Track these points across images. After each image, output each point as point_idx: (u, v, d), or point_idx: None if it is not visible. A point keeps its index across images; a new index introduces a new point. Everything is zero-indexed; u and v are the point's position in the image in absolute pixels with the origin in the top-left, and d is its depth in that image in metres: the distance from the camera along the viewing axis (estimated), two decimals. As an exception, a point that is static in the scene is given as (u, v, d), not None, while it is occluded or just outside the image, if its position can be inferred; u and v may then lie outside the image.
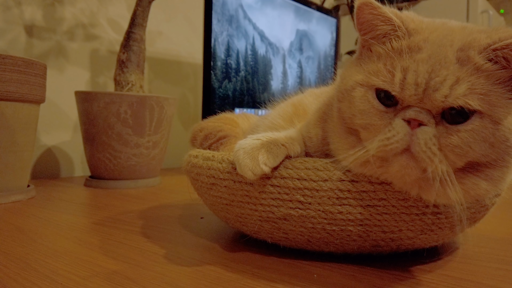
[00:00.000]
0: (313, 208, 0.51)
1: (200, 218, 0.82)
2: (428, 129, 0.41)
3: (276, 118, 0.70)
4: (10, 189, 0.96)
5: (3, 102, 0.93)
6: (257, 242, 0.62)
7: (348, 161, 0.48)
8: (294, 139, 0.56)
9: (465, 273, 0.53)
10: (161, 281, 0.48)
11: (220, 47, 1.44)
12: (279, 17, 1.70)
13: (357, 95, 0.46)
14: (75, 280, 0.48)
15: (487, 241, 0.69)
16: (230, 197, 0.57)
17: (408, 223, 0.51)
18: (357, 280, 0.50)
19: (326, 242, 0.54)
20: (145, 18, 1.26)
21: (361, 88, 0.46)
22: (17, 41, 1.34)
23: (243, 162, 0.51)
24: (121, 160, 1.19)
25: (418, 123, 0.42)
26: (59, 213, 0.87)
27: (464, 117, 0.41)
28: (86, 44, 1.53)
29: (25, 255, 0.57)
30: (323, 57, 1.98)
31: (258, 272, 0.52)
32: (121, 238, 0.66)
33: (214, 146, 0.73)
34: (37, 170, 1.40)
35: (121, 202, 0.99)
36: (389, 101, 0.44)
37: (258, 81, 1.61)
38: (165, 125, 1.27)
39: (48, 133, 1.43)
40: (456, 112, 0.41)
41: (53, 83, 1.39)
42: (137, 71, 1.25)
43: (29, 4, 1.37)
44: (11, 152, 0.96)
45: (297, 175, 0.52)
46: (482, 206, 0.55)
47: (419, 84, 0.41)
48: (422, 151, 0.41)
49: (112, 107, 1.16)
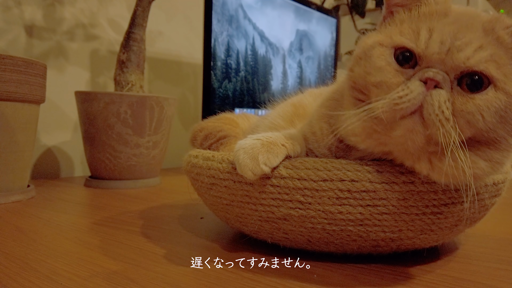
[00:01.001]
0: (313, 208, 0.51)
1: (200, 218, 0.82)
2: (443, 92, 0.41)
3: (276, 118, 0.70)
4: (10, 189, 0.96)
5: (3, 102, 0.93)
6: (257, 242, 0.62)
7: (350, 122, 0.47)
8: (294, 139, 0.56)
9: (465, 273, 0.53)
10: (161, 281, 0.48)
11: (220, 47, 1.44)
12: (279, 17, 1.70)
13: (375, 53, 0.46)
14: (75, 280, 0.48)
15: (487, 241, 0.69)
16: (230, 197, 0.57)
17: (408, 223, 0.51)
18: (357, 280, 0.50)
19: (326, 242, 0.54)
20: (145, 18, 1.26)
21: (380, 48, 0.46)
22: (17, 41, 1.34)
23: (243, 162, 0.51)
24: (121, 160, 1.19)
25: (435, 84, 0.41)
26: (59, 213, 0.87)
27: (478, 86, 0.41)
28: (86, 44, 1.53)
29: (25, 255, 0.57)
30: (323, 57, 1.98)
31: (258, 272, 0.52)
32: (121, 238, 0.66)
33: (214, 146, 0.73)
34: (37, 170, 1.40)
35: (121, 202, 0.99)
36: (406, 63, 0.44)
37: (258, 81, 1.61)
38: (165, 125, 1.27)
39: (48, 133, 1.43)
40: (471, 81, 0.41)
41: (53, 83, 1.39)
42: (137, 71, 1.25)
43: (29, 4, 1.37)
44: (11, 152, 0.96)
45: (297, 175, 0.52)
46: (482, 206, 0.55)
47: (444, 42, 0.42)
48: (434, 114, 0.40)
49: (112, 107, 1.16)
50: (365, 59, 0.47)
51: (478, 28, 0.43)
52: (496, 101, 0.41)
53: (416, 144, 0.43)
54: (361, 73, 0.47)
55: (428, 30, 0.43)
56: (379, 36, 0.47)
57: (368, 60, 0.46)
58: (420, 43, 0.43)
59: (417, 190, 0.49)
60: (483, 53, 0.41)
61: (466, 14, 0.45)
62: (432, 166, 0.46)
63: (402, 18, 0.47)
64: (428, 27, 0.43)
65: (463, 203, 0.52)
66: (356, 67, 0.48)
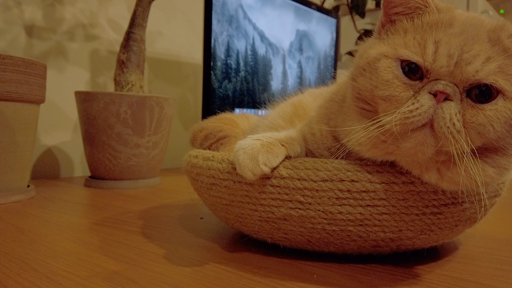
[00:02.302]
0: (313, 208, 0.51)
1: (200, 218, 0.82)
2: (453, 104, 0.41)
3: (276, 118, 0.70)
4: (10, 189, 0.96)
5: (3, 102, 0.93)
6: (257, 242, 0.62)
7: (359, 137, 0.46)
8: (294, 139, 0.56)
9: (465, 273, 0.53)
10: (161, 281, 0.48)
11: (220, 47, 1.44)
12: (279, 17, 1.70)
13: (381, 65, 0.45)
14: (75, 280, 0.48)
15: (487, 241, 0.69)
16: (230, 197, 0.57)
17: (408, 223, 0.51)
18: (357, 280, 0.50)
19: (326, 242, 0.54)
20: (145, 18, 1.26)
21: (386, 60, 0.45)
22: (17, 41, 1.35)
23: (243, 162, 0.51)
24: (121, 160, 1.19)
25: (445, 97, 0.41)
26: (59, 213, 0.87)
27: (487, 97, 0.41)
28: (86, 44, 1.53)
29: (25, 255, 0.57)
30: (323, 58, 1.98)
31: (258, 272, 0.52)
32: (121, 238, 0.66)
33: (214, 146, 0.73)
34: (37, 170, 1.40)
35: (121, 202, 0.99)
36: (413, 75, 0.43)
37: (258, 81, 1.61)
38: (165, 125, 1.27)
39: (48, 133, 1.43)
40: (480, 92, 0.41)
41: (53, 83, 1.39)
42: (137, 71, 1.25)
43: (29, 4, 1.37)
44: (11, 152, 0.96)
45: (297, 175, 0.52)
46: (482, 206, 0.55)
47: (452, 55, 0.41)
48: (446, 127, 0.40)
49: (112, 107, 1.16)
50: (371, 72, 0.46)
51: (484, 38, 0.42)
52: (506, 111, 0.41)
53: (426, 155, 0.43)
54: (367, 86, 0.46)
55: (434, 42, 0.42)
56: (383, 47, 0.46)
57: (374, 73, 0.45)
58: (427, 57, 0.42)
59: (417, 190, 0.49)
60: (491, 65, 0.41)
61: (471, 23, 0.44)
62: (441, 176, 0.46)
63: (405, 27, 0.46)
64: (434, 39, 0.42)
65: (463, 203, 0.52)
66: (360, 78, 0.48)
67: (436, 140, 0.41)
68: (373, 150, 0.48)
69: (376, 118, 0.44)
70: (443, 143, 0.41)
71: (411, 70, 0.44)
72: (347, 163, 0.51)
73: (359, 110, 0.49)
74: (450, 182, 0.45)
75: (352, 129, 0.48)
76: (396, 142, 0.44)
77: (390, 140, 0.44)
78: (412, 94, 0.43)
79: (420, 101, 0.41)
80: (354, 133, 0.48)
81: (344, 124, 0.51)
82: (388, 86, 0.44)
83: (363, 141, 0.47)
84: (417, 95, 0.42)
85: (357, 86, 0.48)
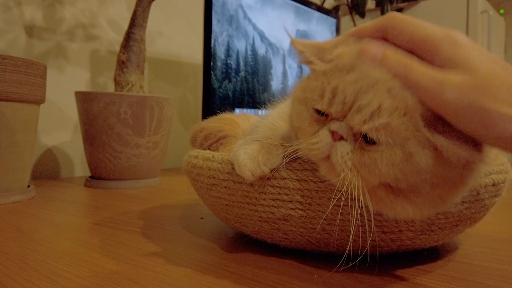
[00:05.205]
0: (313, 208, 0.51)
1: (200, 219, 0.82)
2: (346, 144, 0.44)
3: (276, 118, 0.70)
4: (10, 190, 0.96)
5: (3, 103, 0.93)
6: (257, 242, 0.62)
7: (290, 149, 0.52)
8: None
9: (465, 273, 0.53)
10: (161, 281, 0.48)
11: (220, 48, 1.44)
12: (279, 17, 1.70)
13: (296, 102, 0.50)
14: (75, 280, 0.48)
15: (487, 241, 0.69)
16: (230, 198, 0.57)
17: (408, 223, 0.51)
18: (357, 280, 0.50)
19: (326, 242, 0.54)
20: (145, 19, 1.26)
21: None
22: (17, 41, 1.35)
23: (242, 163, 0.51)
24: (121, 161, 1.19)
25: (340, 136, 0.44)
26: (59, 213, 0.87)
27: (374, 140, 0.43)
28: (86, 44, 1.53)
29: (25, 255, 0.57)
30: (323, 57, 1.98)
31: (258, 272, 0.52)
32: (121, 239, 0.66)
33: (214, 147, 0.73)
34: (37, 171, 1.40)
35: (121, 202, 0.99)
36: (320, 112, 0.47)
37: (258, 81, 1.61)
38: (165, 126, 1.27)
39: (48, 133, 1.43)
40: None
41: (53, 83, 1.39)
42: (137, 71, 1.25)
43: (29, 4, 1.37)
44: (11, 152, 0.96)
45: (297, 176, 0.52)
46: (482, 206, 0.55)
47: (346, 103, 0.43)
48: (338, 163, 0.44)
49: (112, 107, 1.16)
50: (293, 103, 0.51)
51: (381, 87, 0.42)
52: (391, 154, 0.41)
53: (335, 180, 0.46)
54: (291, 114, 0.51)
55: (331, 90, 0.44)
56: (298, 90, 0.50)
57: (293, 105, 0.50)
58: (323, 104, 0.45)
59: (417, 190, 0.49)
60: (379, 119, 0.41)
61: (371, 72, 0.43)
62: (377, 200, 0.47)
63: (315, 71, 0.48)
64: (332, 87, 0.44)
65: (463, 203, 0.52)
66: (292, 105, 0.52)
67: (337, 172, 0.45)
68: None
69: (295, 144, 0.49)
70: (341, 176, 0.44)
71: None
72: (347, 163, 0.51)
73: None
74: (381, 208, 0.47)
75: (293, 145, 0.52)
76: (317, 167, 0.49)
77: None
78: (317, 129, 0.46)
79: (320, 137, 0.45)
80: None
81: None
82: (299, 119, 0.49)
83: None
84: (320, 130, 0.46)
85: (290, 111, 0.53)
